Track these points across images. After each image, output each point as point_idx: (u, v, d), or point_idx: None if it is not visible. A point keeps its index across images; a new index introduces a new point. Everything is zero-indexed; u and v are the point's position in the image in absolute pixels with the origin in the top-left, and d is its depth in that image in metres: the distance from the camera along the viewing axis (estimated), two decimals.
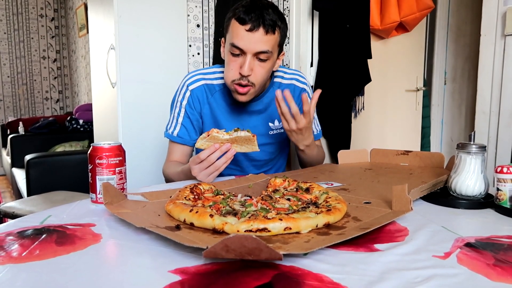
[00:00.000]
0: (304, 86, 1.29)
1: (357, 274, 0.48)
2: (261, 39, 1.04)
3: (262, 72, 1.09)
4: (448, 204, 0.79)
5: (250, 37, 1.04)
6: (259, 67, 1.08)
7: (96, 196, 0.80)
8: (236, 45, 1.05)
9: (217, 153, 0.92)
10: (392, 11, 2.06)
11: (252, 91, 1.11)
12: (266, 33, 1.04)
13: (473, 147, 0.80)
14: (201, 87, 1.20)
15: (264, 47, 1.05)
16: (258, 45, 1.04)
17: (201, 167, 0.94)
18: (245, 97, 1.12)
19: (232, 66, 1.08)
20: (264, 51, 1.05)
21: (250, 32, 1.03)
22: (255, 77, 1.08)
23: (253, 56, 1.06)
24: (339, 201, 0.69)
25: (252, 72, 1.07)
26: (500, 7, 1.27)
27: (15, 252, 0.55)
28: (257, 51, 1.05)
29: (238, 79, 1.08)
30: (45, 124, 3.78)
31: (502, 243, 0.58)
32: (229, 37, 1.08)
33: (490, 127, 1.31)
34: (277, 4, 2.00)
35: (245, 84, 1.08)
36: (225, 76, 1.12)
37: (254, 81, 1.09)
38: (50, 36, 5.15)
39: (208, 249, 0.47)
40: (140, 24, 1.92)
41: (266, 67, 1.09)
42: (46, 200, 1.88)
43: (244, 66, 1.05)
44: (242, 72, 1.06)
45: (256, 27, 1.03)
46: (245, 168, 1.26)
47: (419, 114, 2.68)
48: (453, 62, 2.78)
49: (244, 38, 1.04)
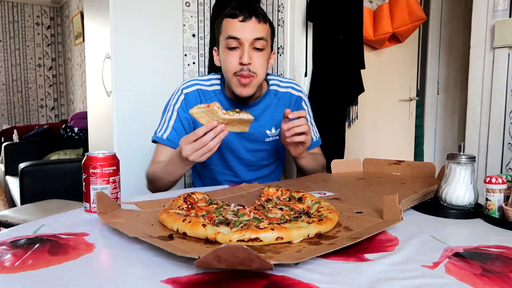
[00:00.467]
0: (300, 94, 1.31)
1: (347, 284, 0.49)
2: (255, 27, 1.09)
3: (261, 62, 1.12)
4: (439, 214, 0.80)
5: (244, 26, 1.09)
6: (257, 56, 1.11)
7: (90, 205, 0.80)
8: (232, 36, 1.09)
9: (211, 133, 0.92)
10: (385, 23, 2.09)
11: (255, 82, 1.12)
12: (259, 22, 1.10)
13: (462, 158, 0.81)
14: (195, 91, 1.22)
15: (259, 33, 1.09)
16: (253, 32, 1.09)
17: (193, 147, 0.93)
18: (248, 89, 1.12)
19: (231, 60, 1.11)
20: (260, 37, 1.09)
21: (244, 22, 1.09)
22: (255, 66, 1.11)
23: (250, 46, 1.09)
24: (331, 210, 0.70)
25: (251, 61, 1.09)
26: (489, 21, 1.30)
27: (7, 262, 0.55)
28: (253, 38, 1.09)
29: (240, 70, 1.10)
30: (39, 132, 3.77)
31: (490, 253, 0.59)
32: (223, 35, 1.12)
33: (480, 138, 1.33)
34: (271, 15, 2.03)
35: (247, 75, 1.10)
36: (225, 71, 1.14)
37: (255, 71, 1.11)
38: (46, 44, 5.16)
39: (200, 259, 0.48)
40: (136, 33, 1.94)
41: (264, 56, 1.12)
42: (39, 208, 1.87)
43: (244, 55, 1.08)
44: (242, 61, 1.08)
45: (248, 17, 1.09)
46: (239, 173, 1.27)
47: (412, 124, 2.70)
48: (445, 72, 2.81)
49: (239, 28, 1.09)
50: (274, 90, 1.27)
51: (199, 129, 0.93)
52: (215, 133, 0.92)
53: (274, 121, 1.25)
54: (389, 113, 2.49)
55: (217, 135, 0.92)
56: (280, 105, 1.26)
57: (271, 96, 1.25)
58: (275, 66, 2.10)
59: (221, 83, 1.24)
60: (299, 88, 1.32)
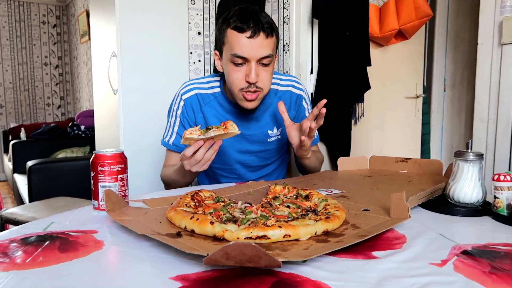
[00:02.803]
0: (301, 92, 1.28)
1: (355, 281, 0.49)
2: (262, 44, 1.04)
3: (267, 76, 1.09)
4: (446, 212, 0.80)
5: (252, 44, 1.03)
6: (264, 72, 1.08)
7: (98, 203, 0.81)
8: (239, 55, 1.04)
9: (202, 149, 0.92)
10: (391, 19, 2.08)
11: (261, 96, 1.11)
12: (266, 37, 1.04)
13: (470, 155, 0.81)
14: (194, 96, 1.21)
15: (267, 51, 1.05)
16: (260, 51, 1.04)
17: (191, 163, 0.95)
18: (254, 103, 1.11)
19: (236, 76, 1.07)
20: (267, 55, 1.06)
21: (251, 39, 1.03)
22: (262, 82, 1.08)
23: (256, 63, 1.06)
24: (338, 208, 0.70)
25: (258, 78, 1.07)
26: (496, 17, 1.29)
27: (18, 259, 0.56)
28: (261, 57, 1.05)
29: (246, 87, 1.07)
30: (46, 130, 3.79)
31: (499, 250, 0.59)
32: (228, 48, 1.07)
33: (488, 135, 1.32)
34: (277, 12, 2.02)
35: (254, 90, 1.08)
36: (230, 86, 1.11)
37: (262, 86, 1.09)
38: (52, 42, 5.19)
39: (208, 256, 0.48)
40: (141, 31, 1.94)
41: (270, 71, 1.10)
42: (47, 206, 1.88)
43: (251, 74, 1.05)
44: (249, 80, 1.05)
45: (256, 32, 1.02)
46: (242, 175, 1.27)
47: (418, 121, 2.68)
48: (452, 69, 2.79)
49: (246, 46, 1.03)
50: (274, 89, 1.24)
51: (186, 150, 0.93)
52: (205, 148, 0.92)
53: (275, 120, 1.24)
54: (395, 111, 2.48)
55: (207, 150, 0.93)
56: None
57: (271, 95, 1.23)
58: (281, 64, 2.10)
59: (221, 85, 1.22)
60: (299, 86, 1.28)
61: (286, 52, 2.06)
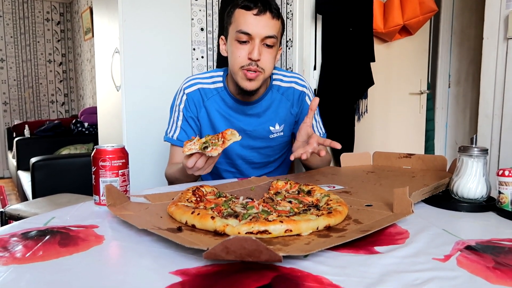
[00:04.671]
0: (304, 89, 1.26)
1: (356, 276, 0.48)
2: (268, 23, 1.06)
3: (269, 58, 1.09)
4: (450, 207, 0.79)
5: (258, 21, 1.05)
6: (267, 53, 1.08)
7: (99, 198, 0.81)
8: (244, 31, 1.06)
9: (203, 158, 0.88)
10: (395, 15, 2.06)
11: (261, 77, 1.10)
12: (272, 17, 1.06)
13: (474, 150, 0.80)
14: (197, 91, 1.20)
15: (271, 31, 1.06)
16: (265, 29, 1.06)
17: (193, 170, 0.93)
18: (254, 83, 1.10)
19: (239, 53, 1.08)
20: (271, 35, 1.07)
21: (258, 16, 1.05)
22: (264, 63, 1.08)
23: (260, 42, 1.07)
24: (340, 203, 0.70)
25: (260, 57, 1.07)
26: (502, 11, 1.27)
27: (19, 253, 0.55)
28: (265, 36, 1.06)
29: (247, 64, 1.08)
30: (50, 127, 3.81)
31: (503, 246, 0.58)
32: (234, 26, 1.09)
33: (493, 130, 1.31)
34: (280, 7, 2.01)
35: (255, 69, 1.08)
36: (232, 64, 1.12)
37: (263, 67, 1.09)
38: (56, 39, 5.20)
39: (208, 250, 0.48)
40: (144, 28, 1.94)
41: (273, 54, 1.10)
42: (51, 202, 1.89)
43: (254, 51, 1.06)
44: (252, 56, 1.06)
45: (263, 11, 1.05)
46: (244, 171, 1.26)
47: (423, 117, 2.67)
48: (457, 65, 2.77)
49: (252, 23, 1.05)
50: (277, 85, 1.23)
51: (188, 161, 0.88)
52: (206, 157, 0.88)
53: (278, 117, 1.23)
54: (399, 107, 2.47)
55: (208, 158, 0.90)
56: (284, 100, 1.24)
57: (274, 91, 1.23)
58: (284, 59, 2.08)
59: (224, 80, 1.21)
60: (303, 83, 1.27)
61: (289, 47, 2.04)
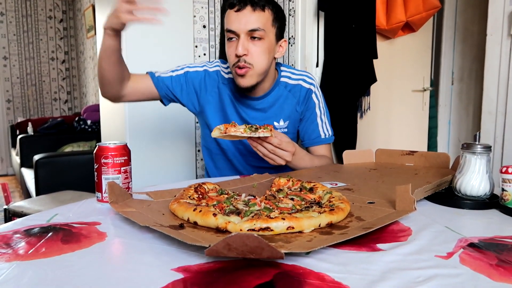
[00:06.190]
0: (311, 87, 1.26)
1: (358, 274, 0.48)
2: (249, 16, 1.07)
3: (258, 52, 1.09)
4: (453, 205, 0.78)
5: (239, 17, 1.07)
6: (254, 46, 1.09)
7: (102, 195, 0.81)
8: (229, 29, 1.08)
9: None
10: (398, 11, 2.05)
11: (252, 73, 1.10)
12: (253, 10, 1.07)
13: (478, 147, 0.79)
14: (217, 72, 1.24)
15: (254, 24, 1.07)
16: (247, 24, 1.07)
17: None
18: (245, 79, 1.11)
19: (230, 52, 1.11)
20: (255, 28, 1.07)
21: (238, 12, 1.07)
22: (251, 58, 1.09)
23: (246, 36, 1.08)
24: (343, 200, 0.69)
25: (247, 52, 1.08)
26: (506, 7, 1.26)
27: (21, 250, 0.56)
28: (248, 30, 1.07)
29: (236, 62, 1.09)
30: (53, 124, 3.82)
31: (506, 243, 0.58)
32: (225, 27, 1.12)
33: (496, 128, 1.30)
34: (282, 4, 2.01)
35: (243, 65, 1.09)
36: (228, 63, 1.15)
37: (251, 62, 1.09)
38: (59, 37, 5.20)
39: (210, 247, 0.48)
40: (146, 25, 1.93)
41: (262, 47, 1.10)
42: (54, 199, 1.90)
43: (238, 47, 1.07)
44: (236, 52, 1.08)
45: (242, 7, 1.06)
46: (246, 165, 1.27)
47: (425, 115, 2.66)
48: (460, 62, 2.75)
49: (234, 20, 1.07)
50: (284, 82, 1.24)
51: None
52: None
53: (283, 113, 1.23)
54: (402, 104, 2.46)
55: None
56: (290, 97, 1.24)
57: (281, 88, 1.23)
58: (286, 57, 2.08)
59: None
60: (310, 81, 1.27)
61: (291, 45, 2.04)
